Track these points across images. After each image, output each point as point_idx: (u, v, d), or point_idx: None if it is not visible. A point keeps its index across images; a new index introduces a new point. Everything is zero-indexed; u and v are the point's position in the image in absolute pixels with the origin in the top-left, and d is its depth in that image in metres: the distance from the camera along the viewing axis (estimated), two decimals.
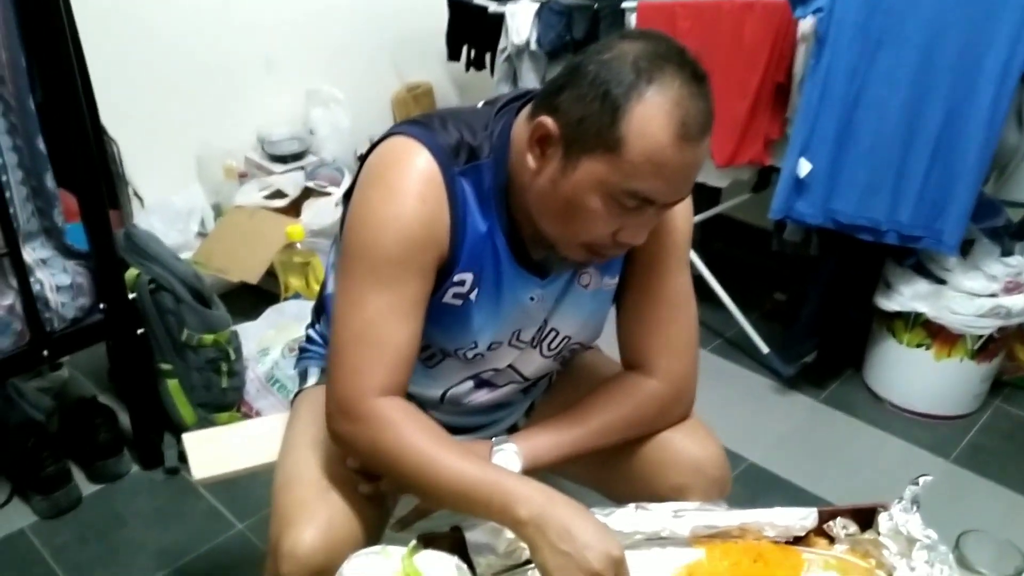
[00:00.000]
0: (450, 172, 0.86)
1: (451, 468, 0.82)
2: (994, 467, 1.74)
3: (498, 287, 0.93)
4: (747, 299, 2.12)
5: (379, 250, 0.85)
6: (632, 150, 0.77)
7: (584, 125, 0.79)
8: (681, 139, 0.77)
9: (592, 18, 1.95)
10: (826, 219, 1.71)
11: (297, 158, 2.40)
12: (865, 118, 1.63)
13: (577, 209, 0.82)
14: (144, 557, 1.54)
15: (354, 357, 0.86)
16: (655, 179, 0.79)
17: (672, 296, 0.98)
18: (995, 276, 1.73)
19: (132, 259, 1.63)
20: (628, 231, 0.84)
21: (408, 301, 0.86)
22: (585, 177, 0.81)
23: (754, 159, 1.85)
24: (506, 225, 0.90)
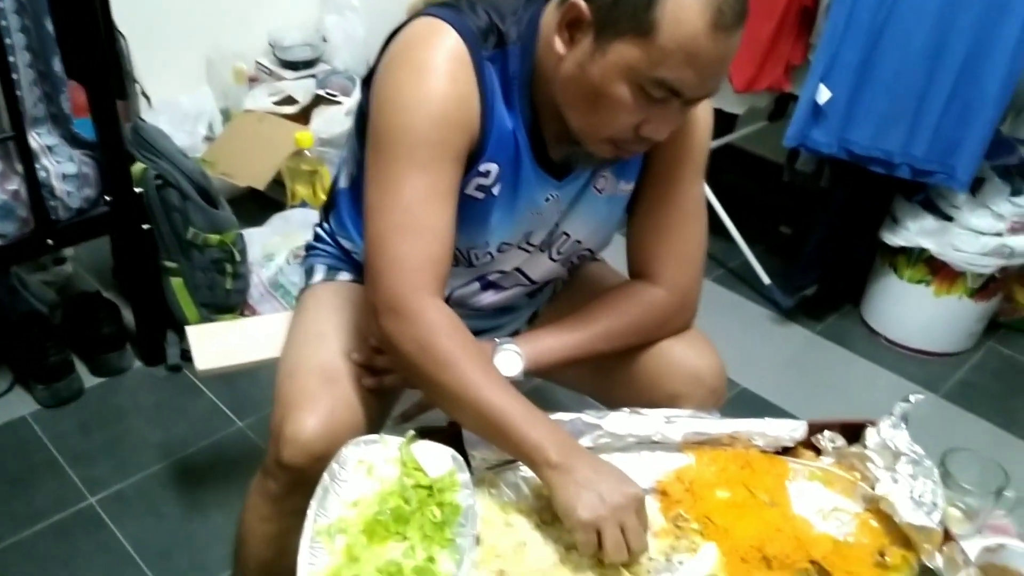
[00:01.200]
0: (478, 55, 0.85)
1: (492, 401, 0.80)
2: (982, 404, 1.78)
3: (515, 185, 0.92)
4: (753, 231, 2.11)
5: (413, 132, 0.83)
6: (665, 35, 0.75)
7: (619, 7, 0.77)
8: (716, 27, 0.75)
9: None
10: (840, 149, 1.69)
11: (309, 65, 2.34)
12: (889, 48, 1.59)
13: (603, 97, 0.80)
14: (144, 448, 1.57)
15: (397, 247, 0.84)
16: (686, 68, 0.77)
17: (685, 205, 0.98)
18: (1002, 215, 1.72)
19: (139, 153, 1.61)
20: (652, 124, 0.82)
21: (446, 183, 0.85)
22: (614, 62, 0.79)
23: (774, 85, 1.82)
24: (529, 120, 0.89)
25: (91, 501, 1.47)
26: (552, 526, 0.80)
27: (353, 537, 0.74)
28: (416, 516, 0.76)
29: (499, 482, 0.84)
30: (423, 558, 0.73)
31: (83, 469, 1.52)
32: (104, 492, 1.48)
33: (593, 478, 0.76)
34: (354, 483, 0.79)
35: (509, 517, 0.81)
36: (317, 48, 2.36)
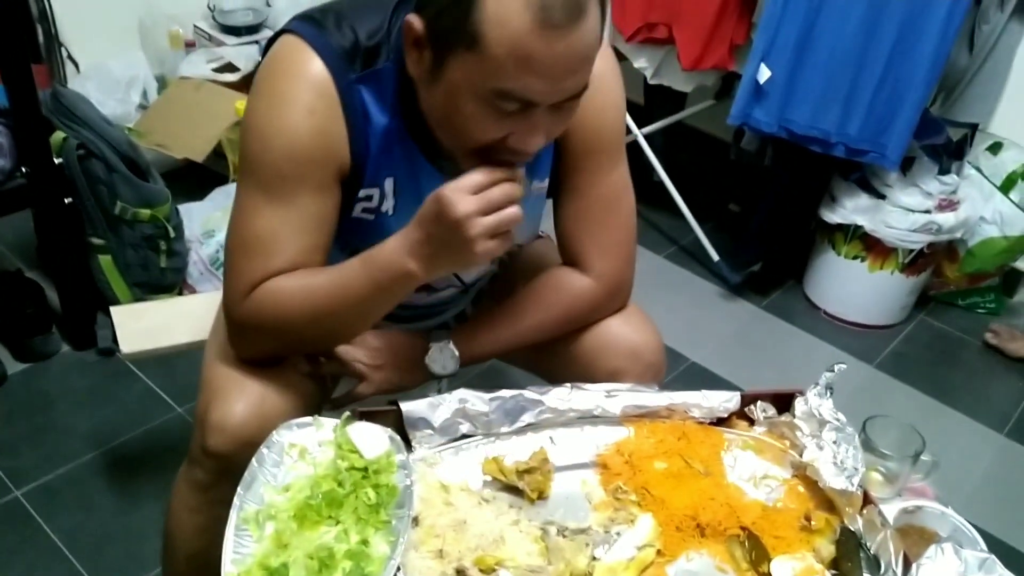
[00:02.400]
0: (345, 80, 0.83)
1: (330, 283, 0.83)
2: (913, 373, 1.86)
3: (417, 195, 0.88)
4: (704, 208, 2.15)
5: (267, 165, 0.83)
6: (491, 43, 0.71)
7: (441, 20, 0.74)
8: (544, 25, 0.69)
9: None
10: (780, 128, 1.73)
11: (252, 31, 2.23)
12: (824, 29, 1.63)
13: (456, 115, 0.77)
14: (74, 437, 1.51)
15: (240, 265, 0.85)
16: (524, 75, 0.72)
17: (605, 195, 0.97)
18: (931, 193, 1.79)
19: (59, 121, 1.52)
20: (518, 136, 0.77)
21: (304, 216, 0.84)
22: (454, 80, 0.75)
23: (719, 64, 1.84)
24: (419, 130, 0.87)
25: (16, 494, 1.41)
26: (493, 504, 0.80)
27: (283, 523, 0.72)
28: (350, 499, 0.74)
29: (439, 461, 0.84)
30: (356, 541, 0.71)
31: (7, 460, 1.46)
32: (30, 485, 1.43)
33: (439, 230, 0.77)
34: (286, 467, 0.77)
35: (449, 496, 0.81)
36: (260, 12, 2.26)
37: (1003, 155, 1.94)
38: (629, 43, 1.90)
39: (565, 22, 0.70)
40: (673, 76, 1.93)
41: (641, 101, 2.24)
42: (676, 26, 1.82)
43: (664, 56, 1.91)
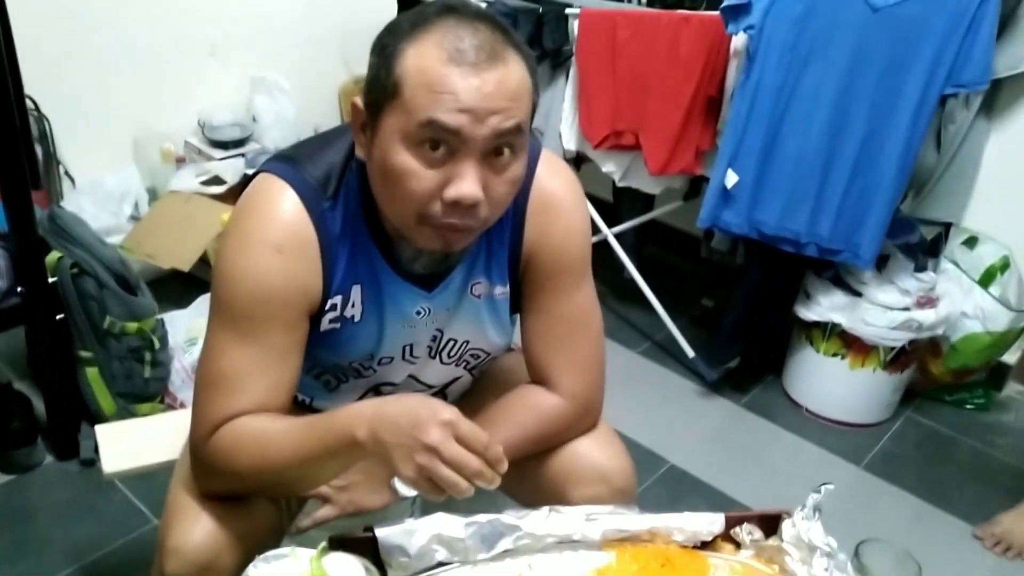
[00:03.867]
0: (319, 209, 0.86)
1: (284, 437, 0.83)
2: (903, 475, 1.82)
3: (379, 303, 0.93)
4: (677, 304, 2.17)
5: (235, 306, 0.85)
6: (409, 85, 0.77)
7: (372, 85, 0.80)
8: (455, 62, 0.76)
9: (536, 21, 1.96)
10: (750, 229, 1.77)
11: (238, 144, 2.36)
12: (790, 134, 1.69)
13: (392, 171, 0.80)
14: (53, 551, 1.49)
15: (206, 403, 0.87)
16: (440, 104, 0.76)
17: (572, 315, 0.98)
18: (908, 291, 1.81)
19: (55, 241, 1.58)
20: (454, 183, 0.79)
21: (272, 353, 0.86)
22: (387, 135, 0.79)
23: (686, 168, 1.90)
24: (381, 240, 0.90)
25: None
26: None
27: None
28: None
29: None
30: None
31: None
32: None
33: (396, 428, 0.76)
34: None
35: None
36: (247, 128, 2.38)
37: (979, 249, 1.98)
38: (597, 150, 1.96)
39: (481, 62, 0.76)
40: (641, 179, 1.98)
41: (610, 199, 2.30)
42: (643, 133, 1.88)
43: (632, 160, 1.97)
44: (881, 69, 1.61)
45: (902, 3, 1.56)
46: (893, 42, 1.59)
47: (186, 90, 2.35)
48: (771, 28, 1.63)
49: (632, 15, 1.88)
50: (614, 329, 2.23)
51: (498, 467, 0.77)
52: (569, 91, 2.00)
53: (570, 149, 2.05)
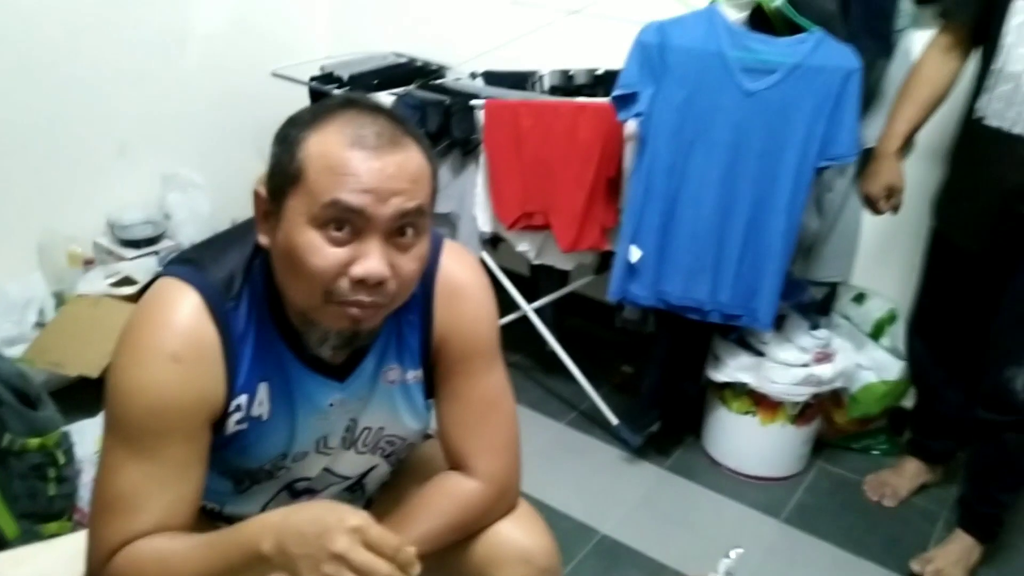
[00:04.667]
0: (222, 309, 0.86)
1: (187, 557, 0.80)
2: (820, 525, 1.89)
3: (289, 398, 0.92)
4: (599, 372, 2.24)
5: (130, 421, 0.83)
6: (312, 168, 0.80)
7: (275, 172, 0.83)
8: (357, 146, 0.80)
9: (444, 112, 2.07)
10: (657, 300, 1.86)
11: (151, 243, 2.34)
12: (685, 210, 1.81)
13: (296, 251, 0.81)
14: None
15: (102, 527, 0.84)
16: (343, 185, 0.79)
17: (485, 398, 1.01)
18: (806, 348, 1.92)
19: None
20: (359, 262, 0.81)
21: (171, 469, 0.84)
22: (291, 218, 0.81)
23: (594, 245, 2.00)
24: (288, 333, 0.90)
25: None
26: None
27: None
28: None
29: None
30: None
31: None
32: None
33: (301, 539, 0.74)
34: None
35: None
36: (159, 225, 2.37)
37: (868, 304, 2.13)
38: (510, 231, 2.06)
39: (381, 147, 0.80)
40: (554, 257, 2.08)
41: (528, 274, 2.38)
42: (551, 214, 1.98)
43: (544, 239, 2.06)
44: (760, 148, 1.75)
45: (773, 87, 1.71)
46: (768, 123, 1.73)
47: (95, 190, 2.34)
48: (658, 114, 1.76)
49: (533, 105, 2.00)
50: (541, 401, 2.28)
51: (410, 570, 0.75)
52: (480, 177, 2.09)
53: (485, 231, 2.13)
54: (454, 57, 2.48)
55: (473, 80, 2.39)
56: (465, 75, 2.42)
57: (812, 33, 1.69)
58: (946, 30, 1.67)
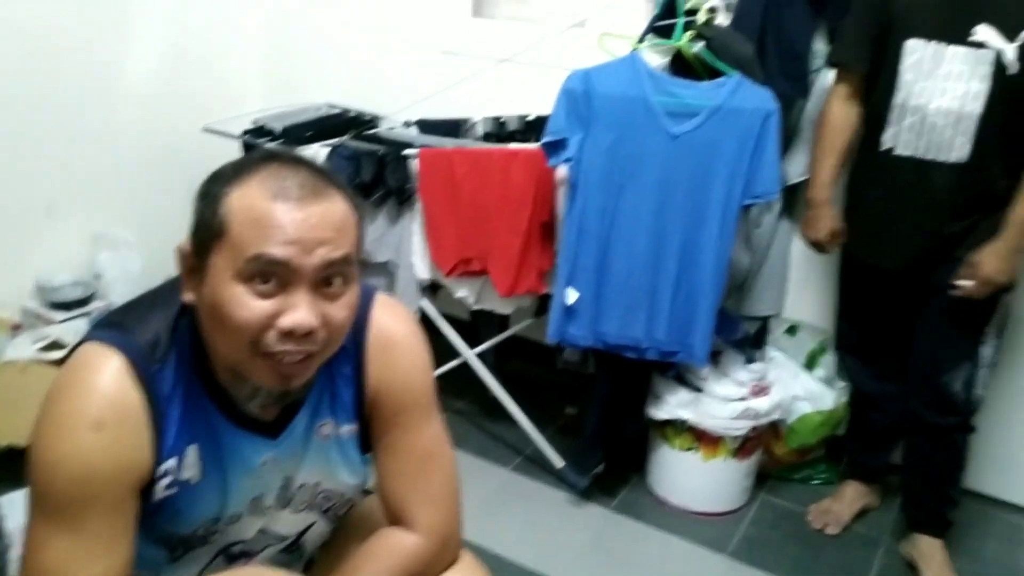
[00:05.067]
0: (148, 372, 0.85)
1: None
2: (766, 557, 1.91)
3: (220, 459, 0.91)
4: (543, 415, 2.24)
5: (54, 493, 0.81)
6: (235, 222, 0.80)
7: (198, 228, 0.83)
8: (279, 198, 0.80)
9: (378, 162, 2.07)
10: (596, 341, 1.88)
11: (81, 304, 2.28)
12: (618, 251, 1.84)
13: (222, 305, 0.80)
14: None
15: None
16: (267, 237, 0.79)
17: (423, 450, 1.00)
18: (742, 382, 1.96)
19: None
20: (287, 314, 0.80)
21: (98, 540, 0.82)
22: (216, 273, 0.81)
23: (531, 289, 2.01)
24: (217, 393, 0.89)
25: None
26: None
27: None
28: None
29: None
30: None
31: None
32: None
33: None
34: None
35: None
36: (90, 286, 2.31)
37: (800, 336, 2.19)
38: (449, 278, 2.06)
39: (305, 198, 0.80)
40: (493, 301, 2.08)
41: (468, 318, 2.38)
42: (488, 260, 1.99)
43: (483, 284, 2.07)
44: (687, 188, 1.80)
45: (696, 130, 1.77)
46: (693, 164, 1.79)
47: (22, 253, 2.27)
48: (587, 159, 1.80)
49: (466, 153, 2.03)
50: (486, 448, 2.26)
51: None
52: (417, 225, 2.10)
53: (424, 278, 2.13)
54: (387, 107, 2.50)
55: (407, 129, 2.41)
56: (399, 124, 2.44)
57: (731, 77, 1.76)
58: (843, 80, 1.78)
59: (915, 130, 1.64)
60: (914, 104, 1.62)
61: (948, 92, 1.59)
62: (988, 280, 1.61)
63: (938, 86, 1.60)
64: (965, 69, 1.58)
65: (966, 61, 1.57)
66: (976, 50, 1.56)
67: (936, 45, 1.60)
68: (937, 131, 1.61)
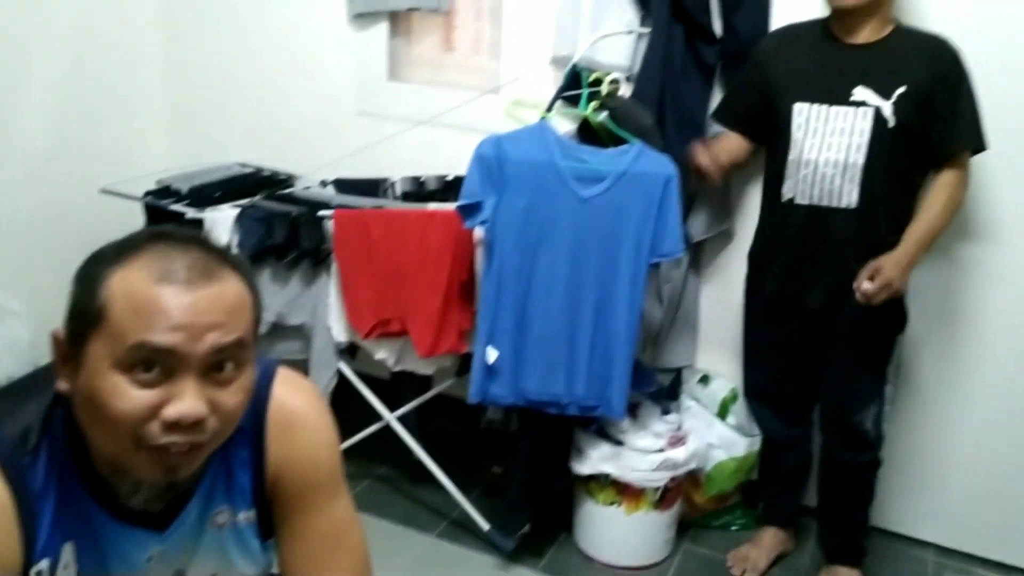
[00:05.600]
0: (17, 468, 0.79)
1: None
2: None
3: (100, 557, 0.85)
4: (469, 475, 2.22)
5: None
6: (116, 309, 0.75)
7: (74, 314, 0.78)
8: (164, 282, 0.75)
9: (292, 224, 2.05)
10: (517, 398, 1.89)
11: None
12: (536, 309, 1.87)
13: (100, 396, 0.75)
14: None
15: None
16: (151, 324, 0.74)
17: (330, 531, 0.96)
18: (660, 433, 2.01)
19: None
20: (172, 404, 0.76)
21: None
22: (94, 362, 0.76)
23: (452, 348, 2.01)
24: (96, 484, 0.84)
25: None
26: None
27: None
28: None
29: None
30: None
31: None
32: None
33: None
34: None
35: None
36: None
37: (712, 385, 2.26)
38: (367, 339, 2.04)
39: (193, 279, 0.76)
40: (414, 362, 2.07)
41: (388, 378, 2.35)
42: (407, 320, 1.99)
43: (403, 345, 2.06)
44: (598, 248, 1.86)
45: (603, 193, 1.84)
46: (603, 225, 1.85)
47: None
48: (502, 221, 1.84)
49: (382, 214, 2.03)
50: (410, 514, 2.21)
51: None
52: (332, 286, 2.07)
53: (341, 341, 2.10)
54: (303, 166, 2.48)
55: (324, 188, 2.40)
56: (315, 183, 2.43)
57: (633, 144, 1.84)
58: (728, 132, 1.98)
59: (809, 181, 1.79)
60: (806, 158, 1.78)
61: (835, 146, 1.76)
62: (888, 283, 1.73)
63: (826, 141, 1.76)
64: (848, 125, 1.75)
65: (848, 118, 1.74)
66: (857, 108, 1.73)
67: (820, 107, 1.76)
68: (828, 180, 1.77)
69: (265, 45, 2.64)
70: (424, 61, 2.56)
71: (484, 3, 2.45)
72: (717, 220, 2.17)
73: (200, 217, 2.16)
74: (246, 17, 2.65)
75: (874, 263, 1.75)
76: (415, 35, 2.57)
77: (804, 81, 1.78)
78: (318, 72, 2.58)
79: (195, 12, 2.72)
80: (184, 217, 2.18)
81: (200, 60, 2.74)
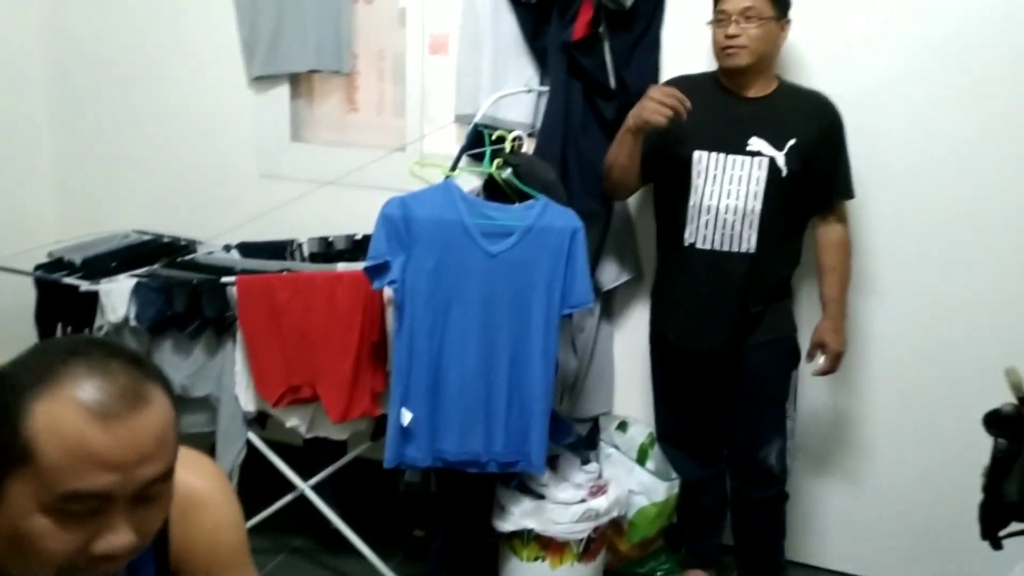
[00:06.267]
0: None
1: None
2: None
3: None
4: (390, 541, 2.15)
5: None
6: (47, 452, 0.70)
7: None
8: (102, 419, 0.70)
9: (192, 293, 1.98)
10: (434, 460, 1.86)
11: None
12: (450, 368, 1.86)
13: (31, 539, 0.72)
14: None
15: None
16: (90, 471, 0.70)
17: None
18: (580, 484, 2.01)
19: None
20: (103, 537, 0.73)
21: None
22: (16, 502, 0.71)
23: (366, 412, 1.97)
24: None
25: None
26: None
27: None
28: None
29: None
30: None
31: None
32: None
33: None
34: None
35: None
36: None
37: (631, 431, 2.28)
38: (277, 407, 1.98)
39: (124, 412, 0.71)
40: (327, 428, 2.01)
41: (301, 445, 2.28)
42: (319, 385, 1.94)
43: (315, 411, 2.00)
44: (509, 302, 1.87)
45: (512, 248, 1.86)
46: (513, 280, 1.86)
47: None
48: (411, 280, 1.83)
49: (287, 278, 1.99)
50: None
51: None
52: (239, 354, 2.00)
53: (249, 410, 2.02)
54: (205, 231, 2.42)
55: (227, 253, 2.34)
56: (219, 248, 2.36)
57: (538, 199, 1.88)
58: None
59: (711, 226, 1.87)
60: (707, 204, 1.86)
61: (733, 193, 1.85)
62: (838, 353, 1.88)
63: (725, 188, 1.85)
64: (745, 174, 1.84)
65: (745, 167, 1.84)
66: (752, 157, 1.84)
67: (719, 155, 1.86)
68: (728, 226, 1.86)
69: (162, 109, 2.58)
70: (327, 122, 2.56)
71: (386, 64, 2.48)
72: (625, 268, 2.22)
73: (95, 289, 2.07)
74: (140, 81, 2.59)
75: (816, 340, 1.87)
76: (317, 96, 2.57)
77: (702, 130, 1.86)
78: (218, 135, 2.54)
79: (86, 78, 2.64)
80: (79, 290, 2.08)
81: (92, 126, 2.65)
